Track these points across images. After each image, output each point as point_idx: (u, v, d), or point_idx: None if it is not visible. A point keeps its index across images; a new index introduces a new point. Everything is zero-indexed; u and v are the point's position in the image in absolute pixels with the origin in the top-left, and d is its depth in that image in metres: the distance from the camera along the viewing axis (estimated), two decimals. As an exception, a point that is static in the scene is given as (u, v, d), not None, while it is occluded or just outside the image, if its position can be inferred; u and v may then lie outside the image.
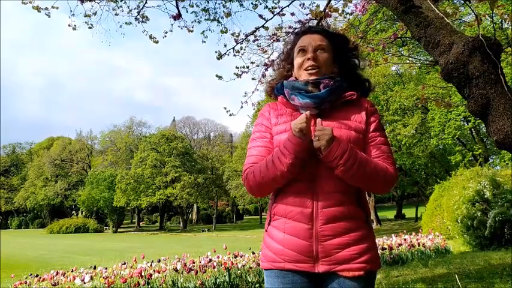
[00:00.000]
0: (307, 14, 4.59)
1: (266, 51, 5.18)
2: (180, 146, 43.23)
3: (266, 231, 1.43)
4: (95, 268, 6.05)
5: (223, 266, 5.72)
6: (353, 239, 1.30)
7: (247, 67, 5.22)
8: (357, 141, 1.36)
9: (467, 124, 19.28)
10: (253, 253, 6.47)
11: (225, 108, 5.63)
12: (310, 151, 1.31)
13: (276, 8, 4.87)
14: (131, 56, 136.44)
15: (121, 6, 4.81)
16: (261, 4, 5.11)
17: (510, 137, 1.60)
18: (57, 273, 5.68)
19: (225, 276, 5.54)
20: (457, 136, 19.29)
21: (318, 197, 1.31)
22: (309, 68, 1.43)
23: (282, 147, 1.32)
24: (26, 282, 5.43)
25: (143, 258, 6.13)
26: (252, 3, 5.11)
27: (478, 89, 1.68)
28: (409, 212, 39.62)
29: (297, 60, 1.48)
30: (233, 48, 5.15)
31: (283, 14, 4.82)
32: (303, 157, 1.29)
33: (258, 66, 5.29)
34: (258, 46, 5.18)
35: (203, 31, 5.30)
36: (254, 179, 1.37)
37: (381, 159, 1.36)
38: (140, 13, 4.88)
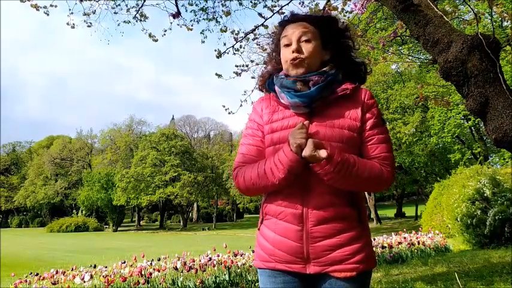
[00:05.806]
0: (306, 13, 4.58)
1: (266, 49, 5.17)
2: (180, 145, 43.22)
3: (259, 229, 1.41)
4: (95, 267, 6.06)
5: (223, 264, 5.73)
6: (345, 239, 1.26)
7: (247, 66, 5.22)
8: (350, 141, 1.29)
9: (467, 122, 19.25)
10: (253, 252, 6.46)
11: (224, 107, 5.62)
12: (305, 166, 1.23)
13: (275, 6, 4.88)
14: (132, 54, 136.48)
15: (119, 5, 4.81)
16: (260, 3, 5.11)
17: (509, 136, 1.60)
18: (57, 272, 5.70)
19: (225, 274, 5.55)
20: (456, 134, 19.28)
21: (309, 198, 1.27)
22: (292, 60, 1.33)
23: (276, 160, 1.25)
24: (26, 281, 5.45)
25: (143, 257, 6.14)
26: (251, 2, 5.11)
27: (476, 88, 1.68)
28: (409, 211, 39.69)
29: (283, 53, 1.39)
30: (233, 46, 5.16)
31: (283, 13, 4.82)
32: (297, 172, 1.23)
33: (257, 64, 5.28)
34: (257, 45, 5.19)
35: (202, 30, 5.30)
36: (244, 183, 1.33)
37: (377, 160, 1.29)
38: (139, 11, 4.88)
